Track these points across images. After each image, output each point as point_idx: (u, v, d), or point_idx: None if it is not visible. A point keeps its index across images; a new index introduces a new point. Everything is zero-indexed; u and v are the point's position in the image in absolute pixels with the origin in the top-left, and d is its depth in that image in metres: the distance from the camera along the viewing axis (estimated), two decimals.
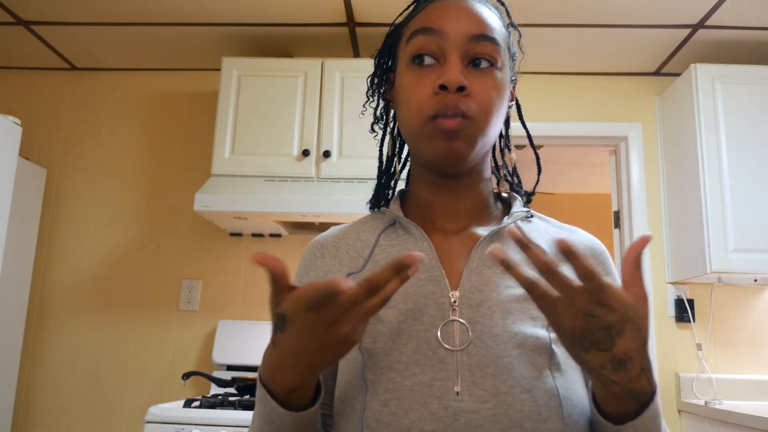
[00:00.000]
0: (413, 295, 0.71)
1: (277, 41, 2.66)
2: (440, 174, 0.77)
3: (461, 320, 0.69)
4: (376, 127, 0.86)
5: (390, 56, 0.84)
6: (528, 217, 0.81)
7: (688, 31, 2.49)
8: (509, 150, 0.87)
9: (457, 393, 0.65)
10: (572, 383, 0.68)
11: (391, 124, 0.88)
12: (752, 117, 2.46)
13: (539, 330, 0.68)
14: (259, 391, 0.64)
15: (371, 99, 0.88)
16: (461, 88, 0.70)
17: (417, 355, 0.67)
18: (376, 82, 0.86)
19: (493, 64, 0.74)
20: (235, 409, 1.99)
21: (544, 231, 0.80)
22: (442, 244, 0.77)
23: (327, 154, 2.42)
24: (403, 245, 0.77)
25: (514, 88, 0.83)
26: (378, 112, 0.88)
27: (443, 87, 0.71)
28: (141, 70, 2.97)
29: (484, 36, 0.73)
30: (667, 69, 2.81)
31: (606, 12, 2.36)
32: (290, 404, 0.63)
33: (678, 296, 2.66)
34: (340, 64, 2.53)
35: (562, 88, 2.87)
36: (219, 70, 2.91)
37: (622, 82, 2.87)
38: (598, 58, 2.73)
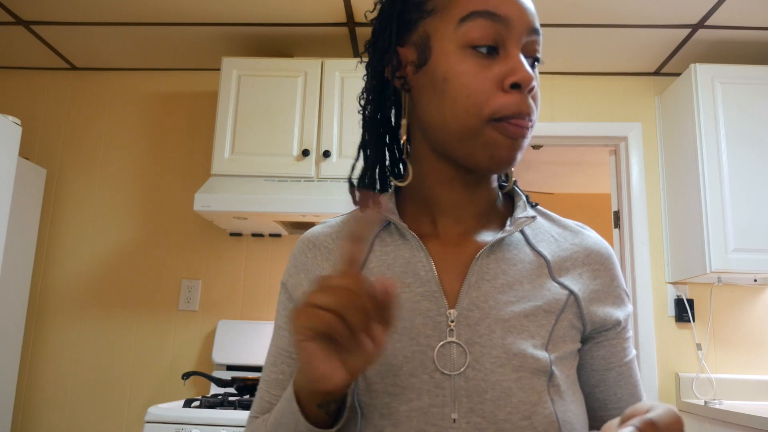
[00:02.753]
0: (409, 311, 0.68)
1: (277, 41, 2.66)
2: (467, 170, 0.71)
3: (458, 341, 0.66)
4: (363, 109, 0.77)
5: (402, 25, 0.71)
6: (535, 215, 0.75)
7: (688, 31, 2.49)
8: None
9: (454, 420, 0.62)
10: (571, 405, 0.66)
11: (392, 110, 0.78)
12: (752, 117, 2.46)
13: (539, 351, 0.66)
14: (290, 403, 0.61)
15: (367, 72, 0.77)
16: (532, 88, 0.65)
17: (412, 378, 0.64)
18: (377, 56, 0.74)
19: (537, 60, 0.69)
20: (235, 409, 1.99)
21: (547, 233, 0.75)
22: (440, 253, 0.72)
23: (327, 154, 2.42)
24: (398, 253, 0.72)
25: None
26: (369, 86, 0.76)
27: (515, 85, 0.64)
28: (141, 70, 2.97)
29: (537, 30, 0.68)
30: (666, 69, 2.81)
31: (606, 12, 2.36)
32: (316, 419, 0.60)
33: (678, 296, 2.66)
34: (340, 64, 2.53)
35: (562, 88, 2.87)
36: (219, 70, 2.91)
37: (622, 82, 2.87)
38: (598, 58, 2.73)
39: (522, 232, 0.74)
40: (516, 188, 0.78)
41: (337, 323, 0.52)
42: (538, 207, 0.79)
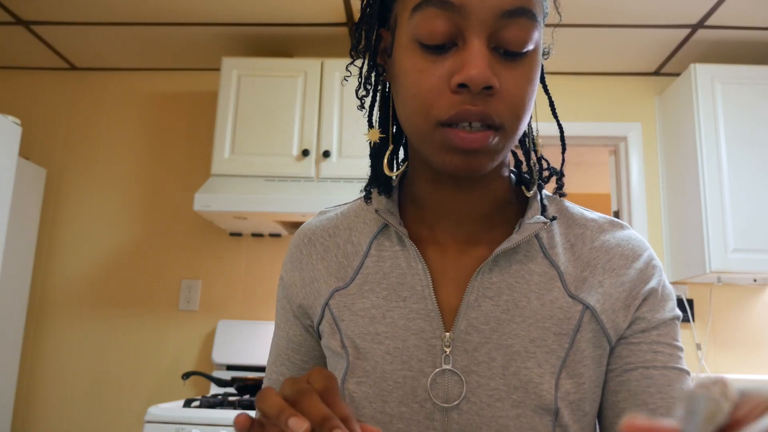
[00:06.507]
0: (402, 330, 0.61)
1: (277, 41, 2.66)
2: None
3: (454, 369, 0.59)
4: (363, 100, 0.69)
5: (382, 6, 0.63)
6: (549, 220, 0.64)
7: (687, 31, 2.49)
8: (534, 136, 0.68)
9: None
10: None
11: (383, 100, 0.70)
12: (752, 117, 2.46)
13: (544, 384, 0.58)
14: None
15: (356, 57, 0.68)
16: (488, 87, 0.53)
17: (402, 407, 0.59)
18: (364, 37, 0.65)
19: (519, 53, 0.56)
20: (235, 408, 1.99)
21: (563, 237, 0.66)
22: (440, 263, 0.64)
23: (327, 154, 2.43)
24: (395, 261, 0.65)
25: None
26: (364, 74, 0.68)
27: (463, 85, 0.53)
28: (141, 70, 2.97)
29: (520, 10, 0.54)
30: (666, 69, 2.81)
31: (606, 12, 2.36)
32: None
33: (677, 296, 2.66)
34: (340, 64, 2.53)
35: (562, 88, 2.87)
36: (219, 70, 2.91)
37: (622, 82, 2.87)
38: (598, 58, 2.73)
39: (537, 236, 0.65)
40: (534, 190, 0.67)
41: None
42: (564, 202, 0.70)
